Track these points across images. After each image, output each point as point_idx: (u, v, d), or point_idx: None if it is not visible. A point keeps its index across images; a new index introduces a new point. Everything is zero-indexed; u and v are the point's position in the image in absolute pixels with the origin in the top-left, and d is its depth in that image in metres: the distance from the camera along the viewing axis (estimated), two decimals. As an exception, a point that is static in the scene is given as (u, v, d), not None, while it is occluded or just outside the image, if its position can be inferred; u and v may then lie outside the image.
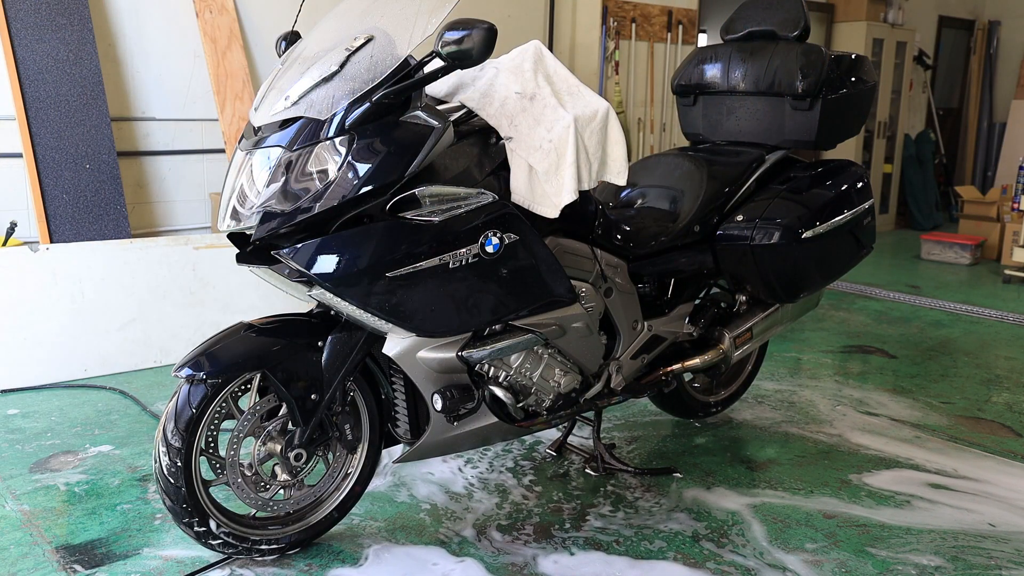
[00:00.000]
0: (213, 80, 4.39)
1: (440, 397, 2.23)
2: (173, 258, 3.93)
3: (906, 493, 2.75)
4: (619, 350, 2.66)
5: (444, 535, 2.44)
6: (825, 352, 4.31)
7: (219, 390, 2.11)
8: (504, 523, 2.50)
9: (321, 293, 2.04)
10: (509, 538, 2.32)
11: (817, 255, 2.79)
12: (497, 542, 2.31)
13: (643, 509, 2.60)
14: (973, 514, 2.63)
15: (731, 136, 3.09)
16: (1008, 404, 3.61)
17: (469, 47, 1.92)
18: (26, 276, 3.62)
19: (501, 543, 2.30)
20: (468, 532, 2.45)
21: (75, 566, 2.25)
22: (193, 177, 4.53)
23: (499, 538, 2.31)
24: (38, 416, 3.30)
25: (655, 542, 2.41)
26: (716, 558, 2.34)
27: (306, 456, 2.23)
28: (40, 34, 3.90)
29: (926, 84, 8.90)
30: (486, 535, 2.43)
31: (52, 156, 3.87)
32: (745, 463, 2.96)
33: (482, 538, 2.41)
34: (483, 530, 2.46)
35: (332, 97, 2.00)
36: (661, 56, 6.39)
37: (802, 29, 2.97)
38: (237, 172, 2.10)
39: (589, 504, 2.62)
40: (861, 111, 3.01)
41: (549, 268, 2.29)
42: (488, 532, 2.39)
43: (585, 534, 2.44)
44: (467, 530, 2.46)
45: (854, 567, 2.31)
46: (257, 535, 2.24)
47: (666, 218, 2.77)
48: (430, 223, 2.07)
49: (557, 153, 2.23)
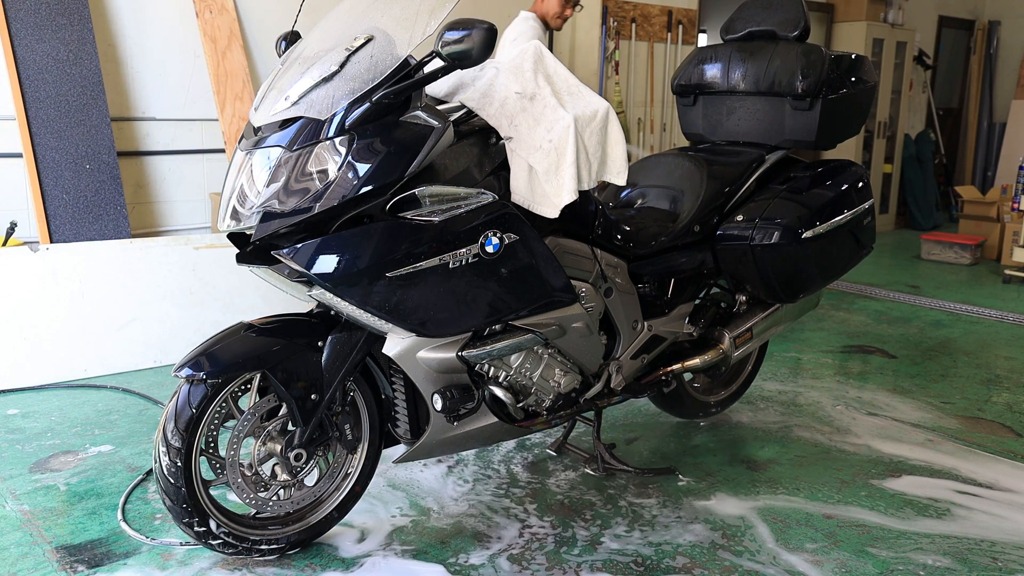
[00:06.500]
0: (213, 80, 4.39)
1: (440, 397, 2.23)
2: (173, 258, 3.93)
3: (907, 493, 2.75)
4: (619, 350, 2.66)
5: (440, 537, 2.44)
6: (825, 352, 4.30)
7: (219, 390, 2.11)
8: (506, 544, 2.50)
9: (321, 293, 2.04)
10: (517, 568, 2.27)
11: (817, 255, 2.79)
12: (504, 571, 2.25)
13: (648, 517, 2.60)
14: (980, 514, 2.63)
15: (731, 136, 3.09)
16: (1008, 404, 3.61)
17: (469, 47, 1.92)
18: (26, 276, 3.62)
19: (508, 571, 2.26)
20: (469, 547, 2.45)
21: (75, 566, 2.25)
22: (193, 177, 4.53)
23: (507, 567, 2.26)
24: (38, 416, 3.30)
25: (677, 558, 2.41)
26: (738, 568, 2.31)
27: (306, 456, 2.23)
28: (40, 34, 3.90)
29: (926, 84, 8.90)
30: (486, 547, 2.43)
31: (52, 156, 3.87)
32: (746, 463, 2.96)
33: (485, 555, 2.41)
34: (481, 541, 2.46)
35: (332, 97, 2.00)
36: (661, 56, 6.39)
37: (802, 29, 2.97)
38: (237, 172, 2.10)
39: (599, 518, 2.62)
40: (861, 111, 3.01)
41: (549, 268, 2.29)
42: (497, 562, 2.30)
43: (601, 556, 2.35)
44: (466, 542, 2.46)
45: (862, 569, 2.31)
46: (257, 535, 2.24)
47: (666, 218, 2.77)
48: (430, 223, 2.07)
49: (557, 153, 2.23)
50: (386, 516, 2.54)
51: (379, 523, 2.50)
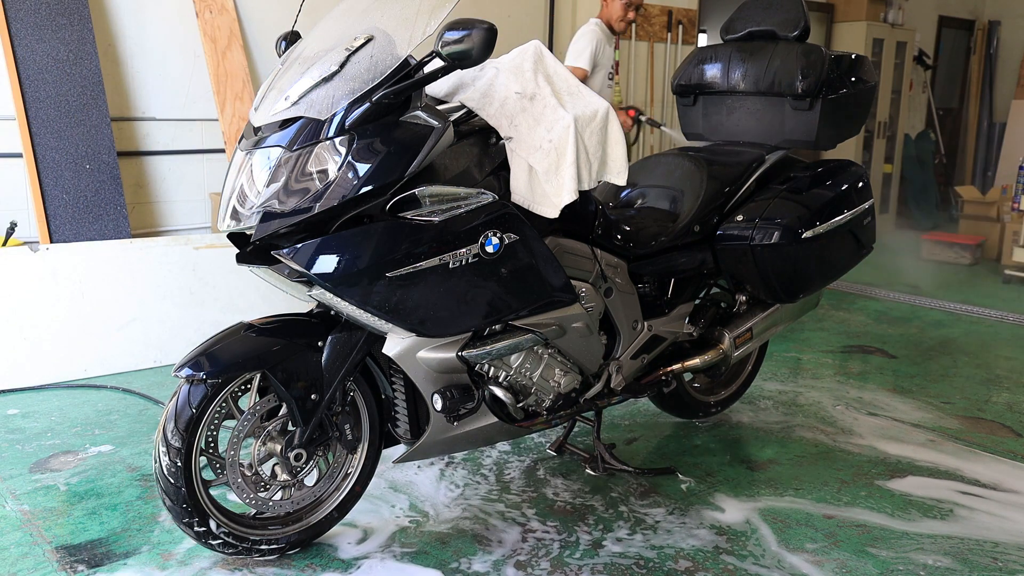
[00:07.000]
0: (213, 80, 4.39)
1: (440, 397, 2.23)
2: (173, 258, 3.93)
3: (909, 494, 2.75)
4: (619, 350, 2.66)
5: (437, 540, 2.44)
6: (825, 352, 4.30)
7: (219, 390, 2.11)
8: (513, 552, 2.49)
9: (321, 293, 2.04)
10: (522, 573, 2.28)
11: (817, 255, 2.79)
12: None
13: (649, 521, 2.60)
14: (982, 515, 2.63)
15: (731, 136, 3.09)
16: (1008, 404, 3.60)
17: (469, 47, 1.92)
18: (26, 276, 3.61)
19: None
20: (469, 551, 2.45)
21: (75, 566, 2.25)
22: (193, 177, 4.53)
23: (511, 574, 2.25)
24: (38, 416, 3.30)
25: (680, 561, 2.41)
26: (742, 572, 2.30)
27: (306, 456, 2.23)
28: (40, 34, 3.90)
29: (926, 84, 8.90)
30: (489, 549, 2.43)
31: (52, 156, 3.86)
32: (746, 463, 2.96)
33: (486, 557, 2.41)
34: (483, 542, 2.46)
35: (332, 97, 2.00)
36: (661, 56, 6.39)
37: (802, 29, 2.97)
38: (237, 172, 2.10)
39: (601, 521, 2.62)
40: (861, 111, 3.01)
41: (549, 268, 2.29)
42: (503, 570, 2.28)
43: (603, 560, 2.34)
44: (466, 547, 2.46)
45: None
46: (257, 535, 2.24)
47: (666, 218, 2.77)
48: (430, 223, 2.07)
49: (557, 153, 2.23)
50: (390, 516, 2.54)
51: (382, 523, 2.50)
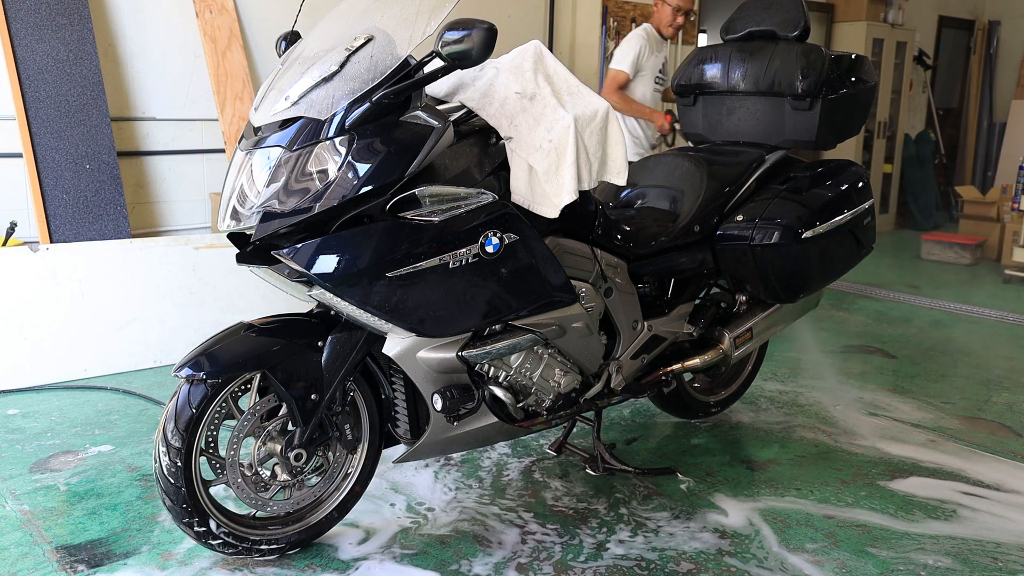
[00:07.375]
0: (213, 80, 4.39)
1: (440, 397, 2.23)
2: (173, 258, 3.93)
3: (911, 494, 2.75)
4: (619, 350, 2.66)
5: (437, 541, 2.44)
6: (825, 352, 4.30)
7: (219, 390, 2.11)
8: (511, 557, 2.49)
9: (321, 293, 2.04)
10: None
11: (817, 255, 2.78)
12: None
13: (649, 522, 2.60)
14: (984, 515, 2.63)
15: (731, 136, 3.08)
16: (1008, 404, 3.60)
17: (469, 47, 1.92)
18: (26, 276, 3.61)
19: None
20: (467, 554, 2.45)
21: (75, 566, 2.25)
22: (193, 177, 4.53)
23: None
24: (38, 416, 3.30)
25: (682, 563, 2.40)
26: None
27: (306, 456, 2.23)
28: (40, 34, 3.90)
29: (926, 84, 8.90)
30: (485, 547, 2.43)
31: (52, 156, 3.86)
32: (746, 463, 2.96)
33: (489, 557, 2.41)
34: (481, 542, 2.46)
35: (332, 97, 2.00)
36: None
37: (802, 29, 2.97)
38: (237, 172, 2.10)
39: (603, 524, 2.62)
40: (861, 111, 3.01)
41: (549, 268, 2.29)
42: (505, 573, 2.27)
43: (606, 562, 2.35)
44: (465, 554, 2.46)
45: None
46: (257, 535, 2.24)
47: (666, 218, 2.77)
48: (430, 223, 2.07)
49: (557, 153, 2.23)
50: (390, 517, 2.54)
51: (383, 524, 2.49)
